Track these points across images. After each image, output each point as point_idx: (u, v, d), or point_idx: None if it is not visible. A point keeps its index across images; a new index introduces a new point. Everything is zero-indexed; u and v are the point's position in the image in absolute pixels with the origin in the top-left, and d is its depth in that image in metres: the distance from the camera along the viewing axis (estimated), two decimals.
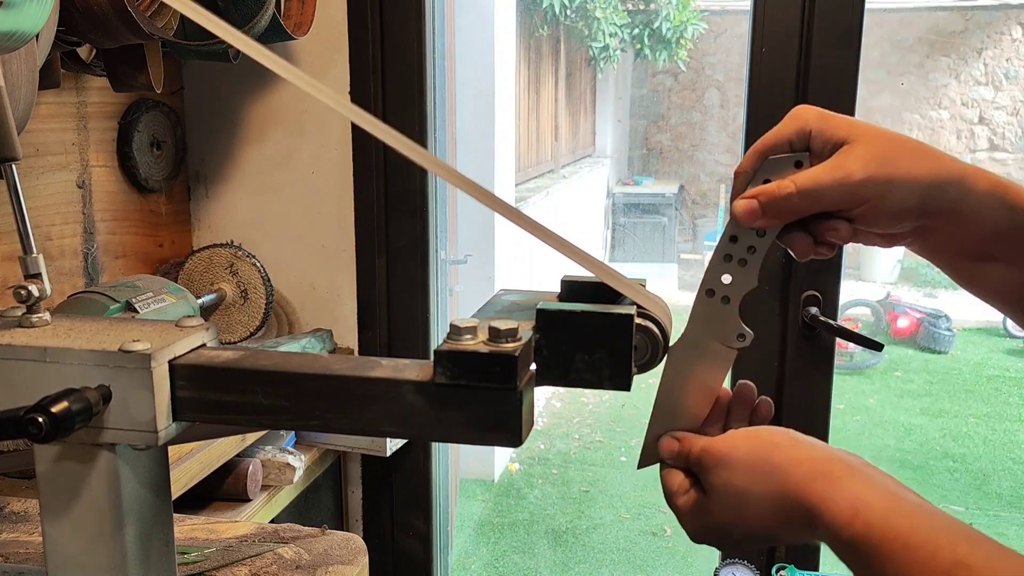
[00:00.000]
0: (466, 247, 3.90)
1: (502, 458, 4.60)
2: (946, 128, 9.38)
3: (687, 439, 0.70)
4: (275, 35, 1.57)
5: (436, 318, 1.91)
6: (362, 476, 1.98)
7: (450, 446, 2.66)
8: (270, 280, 1.76)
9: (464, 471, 4.29)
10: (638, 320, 0.67)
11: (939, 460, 4.94)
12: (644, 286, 0.69)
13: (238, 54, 1.58)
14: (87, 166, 1.62)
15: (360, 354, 1.88)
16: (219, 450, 1.47)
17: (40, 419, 0.56)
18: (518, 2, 5.48)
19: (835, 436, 1.73)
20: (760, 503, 0.62)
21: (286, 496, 1.73)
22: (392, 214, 1.84)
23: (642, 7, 8.33)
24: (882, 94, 9.21)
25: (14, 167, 0.76)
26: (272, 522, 1.47)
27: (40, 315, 0.68)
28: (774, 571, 1.57)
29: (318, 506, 1.89)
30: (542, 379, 0.64)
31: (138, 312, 1.39)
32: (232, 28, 0.62)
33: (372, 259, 1.85)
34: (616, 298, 0.68)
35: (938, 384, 6.20)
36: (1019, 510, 4.37)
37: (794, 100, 1.60)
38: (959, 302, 7.88)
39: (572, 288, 0.71)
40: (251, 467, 1.62)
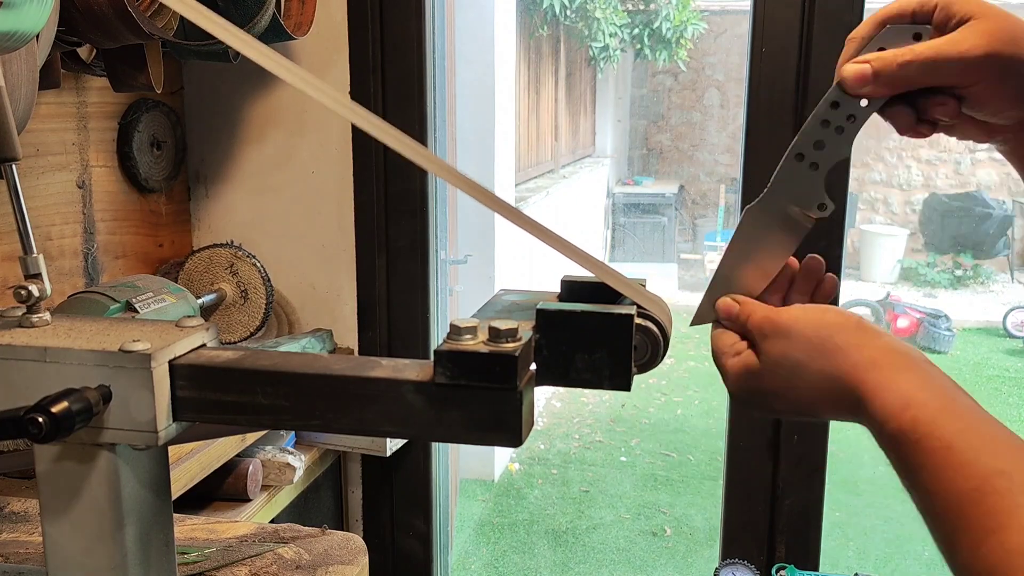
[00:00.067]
0: (466, 247, 3.90)
1: (502, 458, 4.60)
2: None
3: (747, 304, 0.69)
4: (275, 35, 1.57)
5: (436, 318, 1.91)
6: (362, 476, 1.98)
7: (450, 446, 2.66)
8: (270, 280, 1.76)
9: (464, 471, 4.29)
10: (638, 320, 0.67)
11: None
12: (644, 286, 0.70)
13: (238, 54, 1.58)
14: (87, 166, 1.62)
15: (360, 354, 1.88)
16: (219, 450, 1.47)
17: (40, 419, 0.56)
18: (518, 2, 5.47)
19: (835, 436, 1.73)
20: (813, 379, 0.62)
21: (286, 496, 1.73)
22: (392, 214, 1.84)
23: (642, 7, 8.33)
24: None
25: (14, 167, 0.76)
26: (272, 522, 1.47)
27: (40, 315, 0.68)
28: (774, 571, 1.57)
29: (318, 506, 1.89)
30: (542, 379, 0.64)
31: (138, 312, 1.39)
32: (232, 28, 0.62)
33: (372, 259, 1.86)
34: (616, 298, 0.68)
35: None
36: None
37: (794, 100, 1.60)
38: (959, 302, 7.90)
39: (572, 288, 0.71)
40: (251, 467, 1.62)
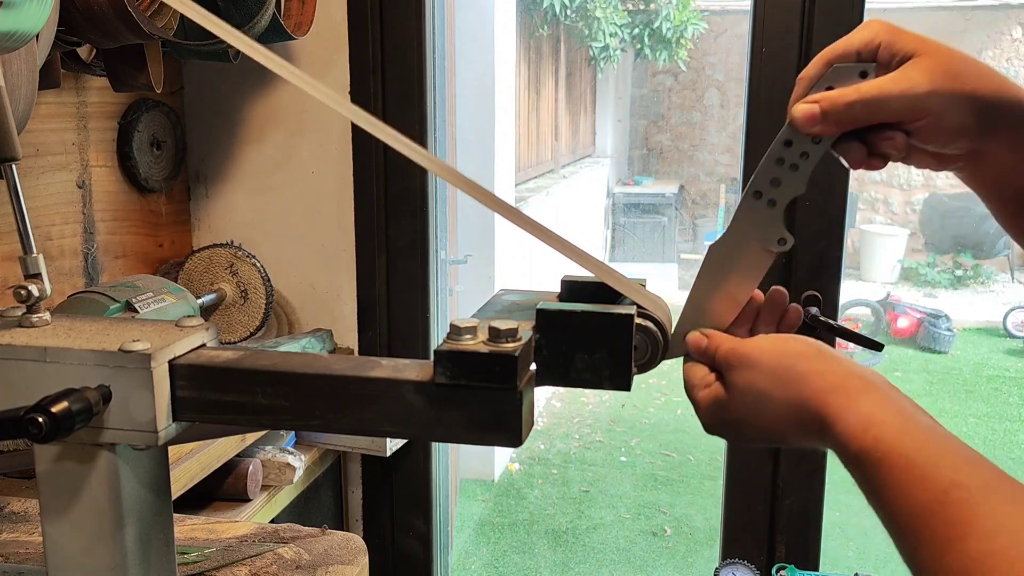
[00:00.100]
0: (466, 247, 3.90)
1: (502, 458, 4.60)
2: None
3: (715, 336, 0.71)
4: (275, 35, 1.57)
5: (436, 318, 1.91)
6: (362, 476, 1.98)
7: (450, 446, 2.66)
8: (270, 280, 1.76)
9: (464, 471, 4.29)
10: (638, 320, 0.67)
11: None
12: (644, 286, 0.70)
13: (238, 54, 1.58)
14: (87, 166, 1.62)
15: (360, 354, 1.88)
16: (219, 450, 1.47)
17: (40, 419, 0.56)
18: (518, 2, 5.47)
19: None
20: (778, 407, 0.64)
21: (286, 496, 1.73)
22: (392, 214, 1.84)
23: (642, 7, 8.33)
24: None
25: (14, 167, 0.76)
26: (272, 522, 1.47)
27: (40, 315, 0.68)
28: (774, 571, 1.57)
29: (318, 506, 1.89)
30: (542, 379, 0.64)
31: (138, 312, 1.39)
32: (232, 28, 0.62)
33: (372, 259, 1.86)
34: (616, 298, 0.68)
35: (938, 384, 6.20)
36: None
37: None
38: (959, 302, 7.89)
39: (572, 288, 0.71)
40: (251, 467, 1.62)
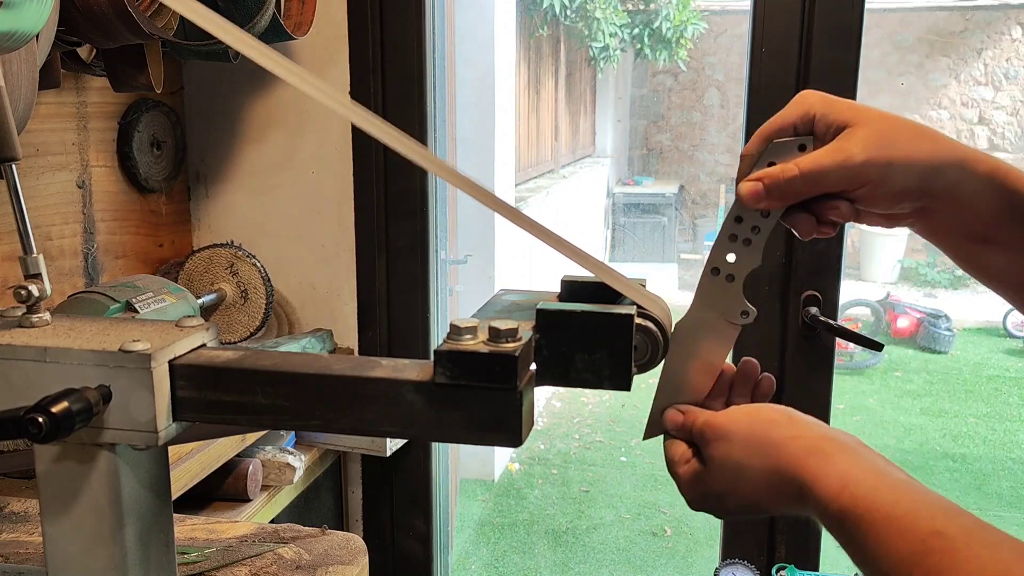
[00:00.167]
0: (466, 247, 3.90)
1: (502, 458, 4.60)
2: (946, 128, 9.36)
3: (690, 412, 0.72)
4: (275, 35, 1.57)
5: (436, 318, 1.91)
6: (362, 476, 1.98)
7: (450, 446, 2.66)
8: (270, 280, 1.76)
9: (464, 471, 4.29)
10: (638, 320, 0.67)
11: (939, 460, 4.94)
12: (644, 286, 0.70)
13: (238, 54, 1.58)
14: (87, 166, 1.62)
15: (360, 354, 1.88)
16: (219, 450, 1.47)
17: (40, 419, 0.56)
18: (518, 2, 5.47)
19: None
20: (755, 476, 0.65)
21: (286, 496, 1.73)
22: (392, 214, 1.84)
23: (642, 7, 8.33)
24: (882, 94, 9.20)
25: (14, 167, 0.76)
26: (272, 522, 1.47)
27: (40, 315, 0.68)
28: (774, 571, 1.57)
29: (318, 506, 1.89)
30: (542, 379, 0.64)
31: (138, 312, 1.39)
32: (232, 28, 0.62)
33: (372, 259, 1.86)
34: (616, 298, 0.68)
35: (938, 384, 6.20)
36: (1019, 510, 4.37)
37: None
38: (959, 302, 7.89)
39: (572, 288, 0.71)
40: (251, 467, 1.62)
